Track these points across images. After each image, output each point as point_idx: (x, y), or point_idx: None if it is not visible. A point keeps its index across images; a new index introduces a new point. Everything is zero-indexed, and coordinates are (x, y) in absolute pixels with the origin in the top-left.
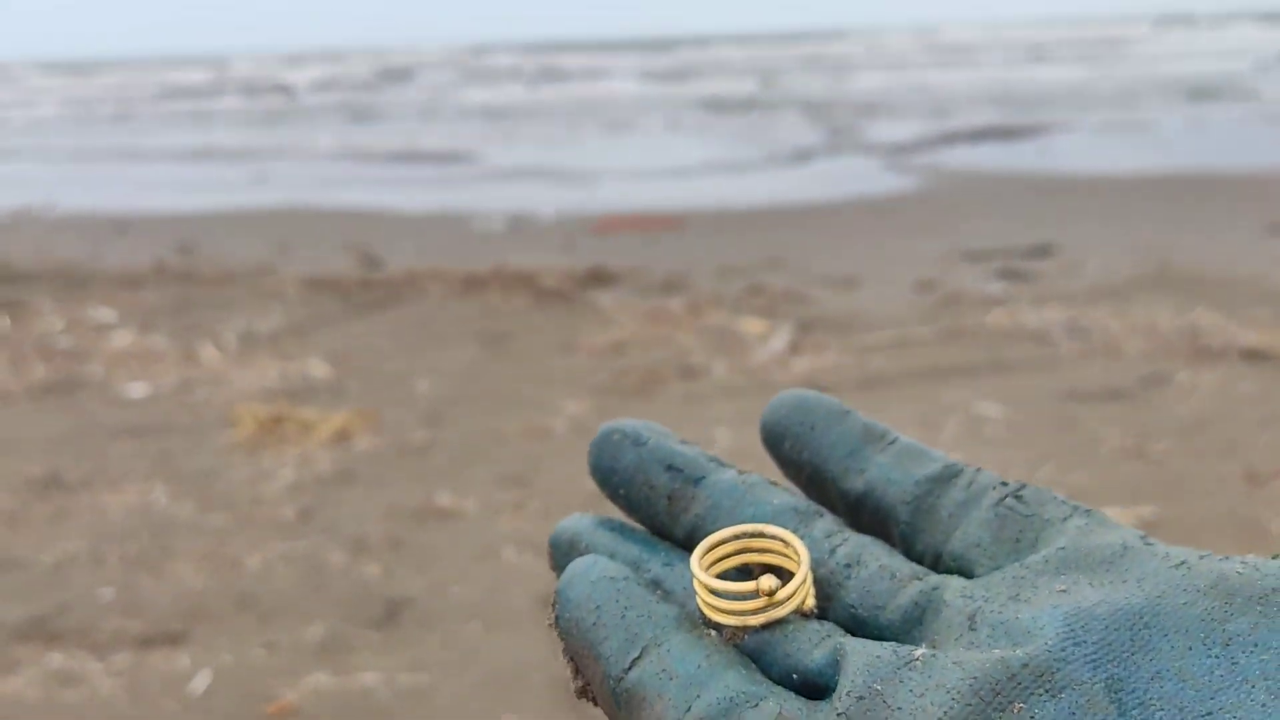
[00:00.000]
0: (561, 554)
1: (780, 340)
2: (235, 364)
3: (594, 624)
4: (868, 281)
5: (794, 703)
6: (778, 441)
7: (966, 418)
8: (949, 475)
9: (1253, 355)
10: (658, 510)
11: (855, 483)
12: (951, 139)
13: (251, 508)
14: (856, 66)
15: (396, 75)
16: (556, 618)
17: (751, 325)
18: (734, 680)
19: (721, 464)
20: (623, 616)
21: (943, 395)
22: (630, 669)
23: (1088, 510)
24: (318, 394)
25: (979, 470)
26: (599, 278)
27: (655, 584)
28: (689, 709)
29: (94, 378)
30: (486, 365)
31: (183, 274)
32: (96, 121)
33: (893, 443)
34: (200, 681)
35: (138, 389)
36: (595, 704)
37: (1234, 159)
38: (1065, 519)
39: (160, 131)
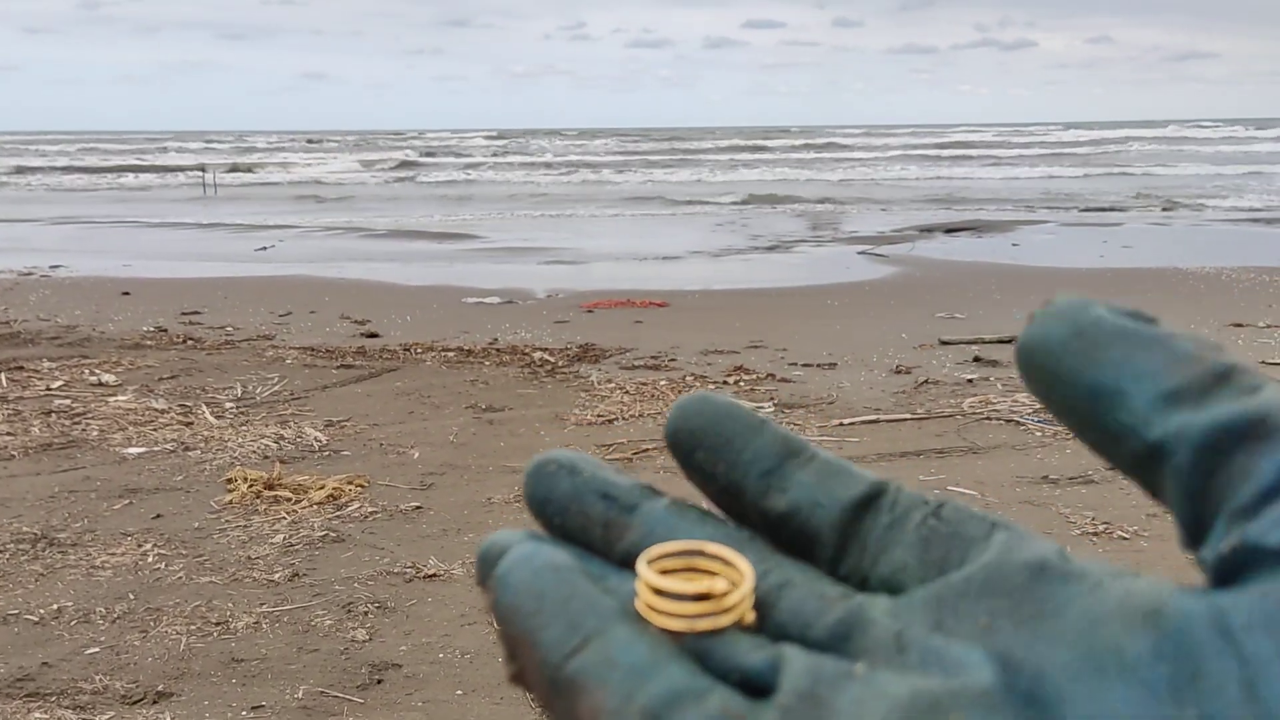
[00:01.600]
0: (490, 566)
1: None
2: (231, 427)
3: (534, 610)
4: (846, 364)
5: (737, 699)
6: (688, 451)
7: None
8: (874, 495)
9: None
10: (593, 539)
11: (777, 502)
12: (929, 232)
13: (241, 569)
14: (837, 162)
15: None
16: (495, 602)
17: None
18: (678, 673)
19: (656, 492)
20: (565, 604)
21: (917, 476)
22: (571, 657)
23: (1007, 525)
24: (312, 458)
25: (901, 489)
26: (588, 353)
27: (597, 580)
28: (630, 698)
29: (91, 438)
30: (478, 434)
31: (183, 339)
32: (111, 190)
33: (812, 459)
34: None
35: (134, 450)
36: (529, 691)
37: (1195, 259)
38: (987, 535)
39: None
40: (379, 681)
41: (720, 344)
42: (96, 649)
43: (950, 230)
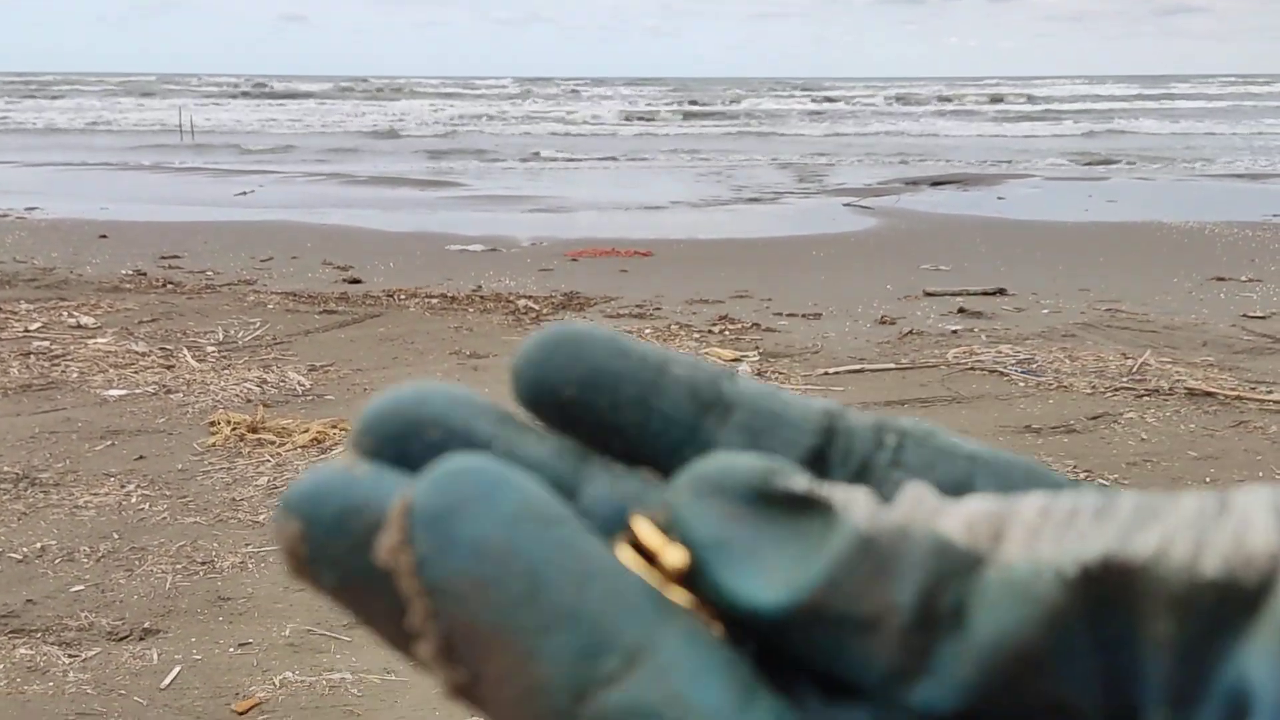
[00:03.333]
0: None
1: (745, 368)
2: (214, 371)
3: (524, 599)
4: (831, 314)
5: None
6: (559, 415)
7: None
8: (819, 453)
9: (1196, 395)
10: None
11: None
12: (914, 185)
13: (226, 510)
14: (826, 115)
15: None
16: (420, 564)
17: (719, 353)
18: (776, 715)
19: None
20: (580, 594)
21: None
22: (602, 690)
23: (988, 460)
24: (295, 402)
25: (852, 432)
26: (572, 302)
27: (590, 519)
28: None
29: (71, 380)
30: (462, 380)
31: (163, 282)
32: (91, 134)
33: (730, 409)
34: (170, 677)
35: (115, 392)
36: (480, 709)
37: (1179, 214)
38: (967, 480)
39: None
40: None
41: (705, 293)
42: (81, 587)
43: (936, 183)
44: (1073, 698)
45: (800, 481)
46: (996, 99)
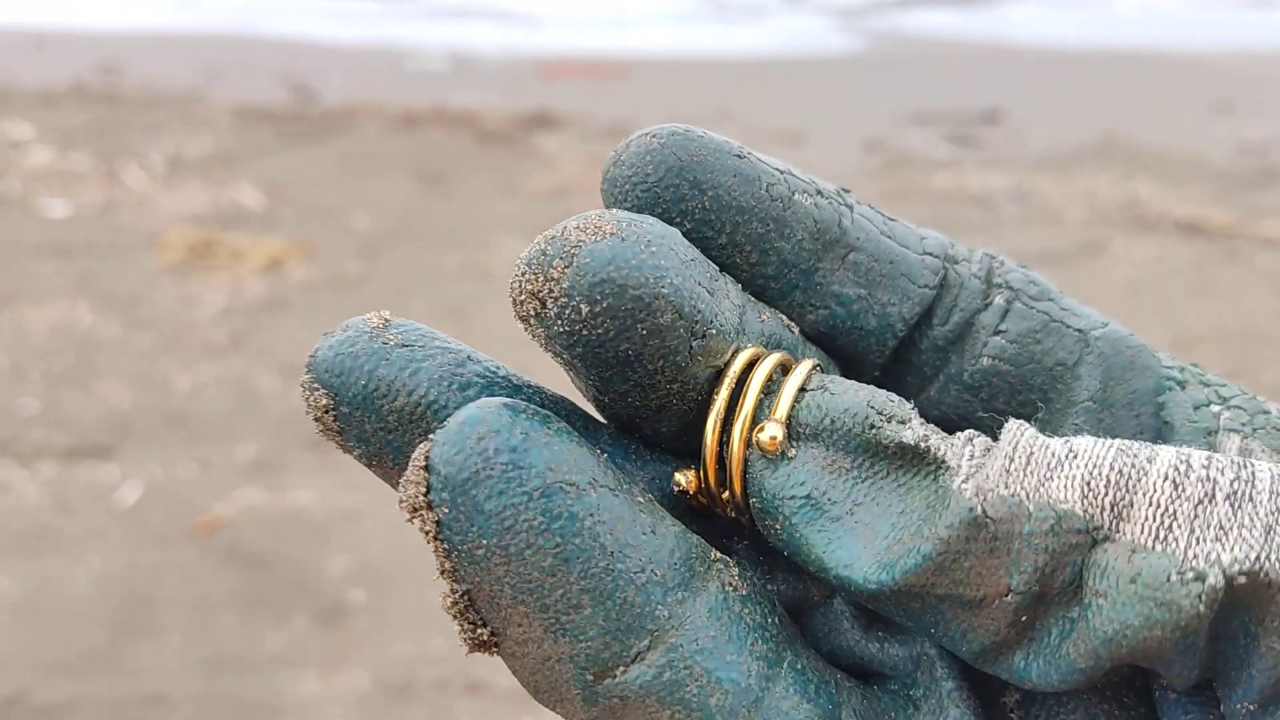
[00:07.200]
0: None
1: None
2: (162, 188)
3: (553, 574)
4: (815, 138)
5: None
6: (677, 217)
7: None
8: (930, 308)
9: (1188, 227)
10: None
11: (812, 317)
12: (906, 3)
13: (180, 330)
14: None
15: None
16: (443, 526)
17: None
18: (799, 685)
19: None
20: (610, 570)
21: None
22: (630, 664)
23: (1106, 335)
24: (249, 222)
25: (963, 287)
26: (543, 121)
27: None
28: None
29: (11, 195)
30: (425, 203)
31: (104, 95)
32: None
33: (850, 250)
34: (129, 493)
35: (58, 208)
36: (508, 665)
37: (1183, 37)
38: (1075, 364)
39: None
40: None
41: (683, 115)
42: (34, 403)
43: (929, 2)
44: (1168, 679)
45: (911, 433)
46: None
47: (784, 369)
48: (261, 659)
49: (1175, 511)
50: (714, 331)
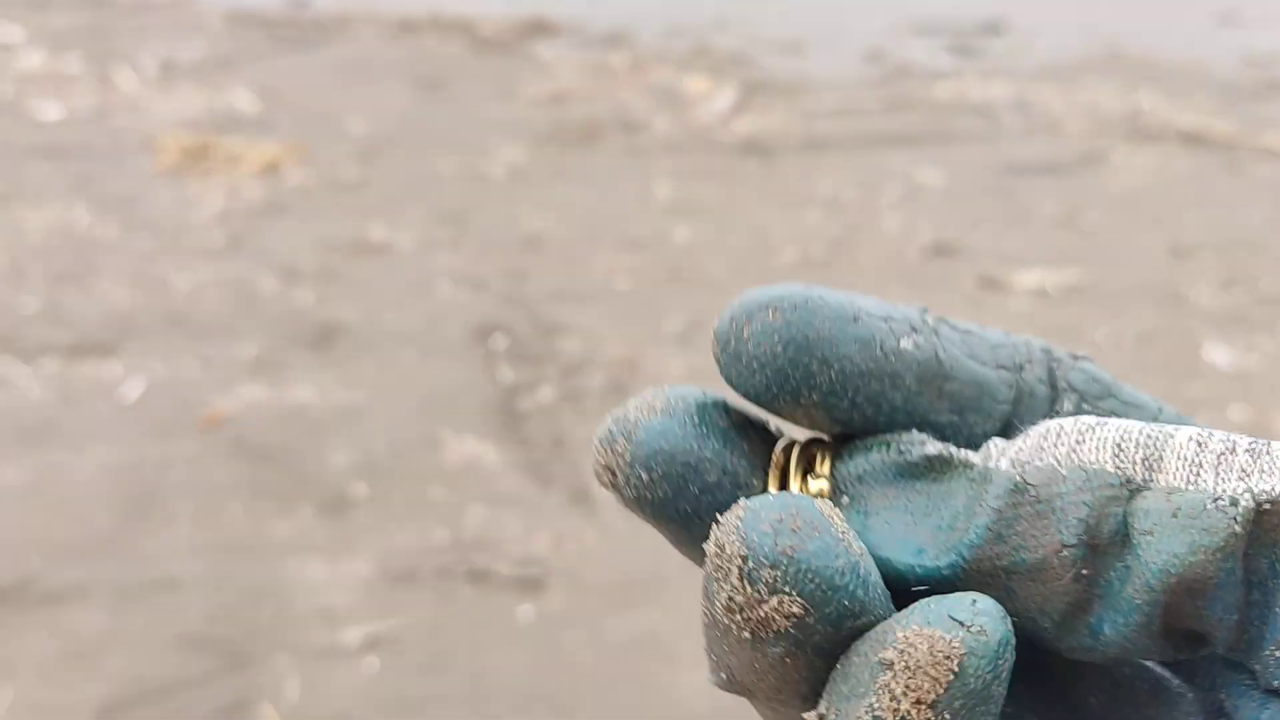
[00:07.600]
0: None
1: (724, 100)
2: (155, 92)
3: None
4: (816, 48)
5: None
6: (792, 393)
7: (907, 184)
8: (1009, 422)
9: (1189, 138)
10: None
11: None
12: None
13: (178, 232)
14: None
15: None
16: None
17: (695, 83)
18: None
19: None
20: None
21: (885, 161)
22: None
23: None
24: (245, 127)
25: (1034, 395)
26: (539, 28)
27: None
28: None
29: (3, 97)
30: (421, 108)
31: None
32: None
33: (948, 379)
34: (133, 389)
35: (51, 111)
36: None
37: None
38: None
39: None
40: (328, 340)
41: (681, 23)
42: (35, 302)
43: None
44: (1212, 627)
45: (932, 446)
46: None
47: (816, 441)
48: (268, 546)
49: (1202, 462)
50: (755, 482)
